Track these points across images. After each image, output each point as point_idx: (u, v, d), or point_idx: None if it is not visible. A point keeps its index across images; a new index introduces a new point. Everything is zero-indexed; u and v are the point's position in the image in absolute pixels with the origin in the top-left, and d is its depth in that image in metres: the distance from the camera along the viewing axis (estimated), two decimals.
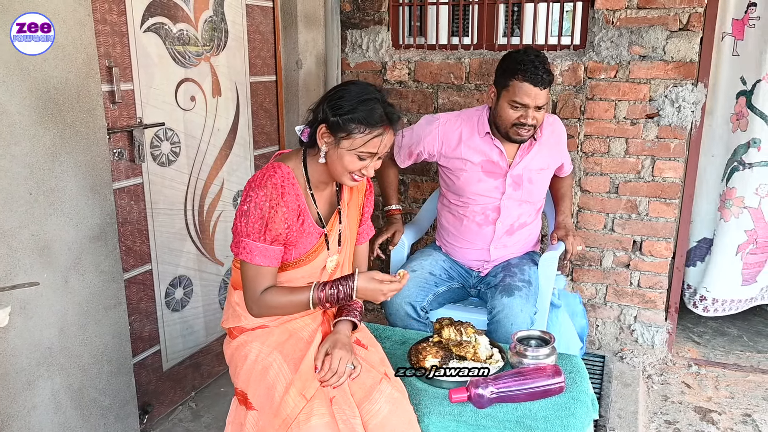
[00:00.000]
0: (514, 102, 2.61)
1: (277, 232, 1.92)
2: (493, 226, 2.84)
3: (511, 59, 2.63)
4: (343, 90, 1.94)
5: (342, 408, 1.86)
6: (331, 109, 1.90)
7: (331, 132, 1.91)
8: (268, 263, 1.94)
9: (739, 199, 3.41)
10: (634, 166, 3.36)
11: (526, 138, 2.69)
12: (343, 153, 1.91)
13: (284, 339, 2.01)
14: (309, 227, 2.00)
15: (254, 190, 1.91)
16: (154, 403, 2.84)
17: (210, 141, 2.95)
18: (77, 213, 2.21)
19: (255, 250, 1.92)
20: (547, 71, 2.57)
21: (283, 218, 1.92)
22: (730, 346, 3.74)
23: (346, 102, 1.89)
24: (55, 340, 2.19)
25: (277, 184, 1.91)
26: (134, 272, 2.66)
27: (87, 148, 2.23)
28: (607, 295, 3.59)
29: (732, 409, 3.11)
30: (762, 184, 3.36)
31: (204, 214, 2.98)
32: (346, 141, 1.90)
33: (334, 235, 2.09)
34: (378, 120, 1.90)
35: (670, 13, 3.14)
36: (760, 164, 3.34)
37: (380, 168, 3.02)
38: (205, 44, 2.86)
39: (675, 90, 3.20)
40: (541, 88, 2.57)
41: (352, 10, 3.68)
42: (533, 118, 2.62)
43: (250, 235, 1.91)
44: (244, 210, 1.91)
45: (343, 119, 1.88)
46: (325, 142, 1.93)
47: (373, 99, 1.91)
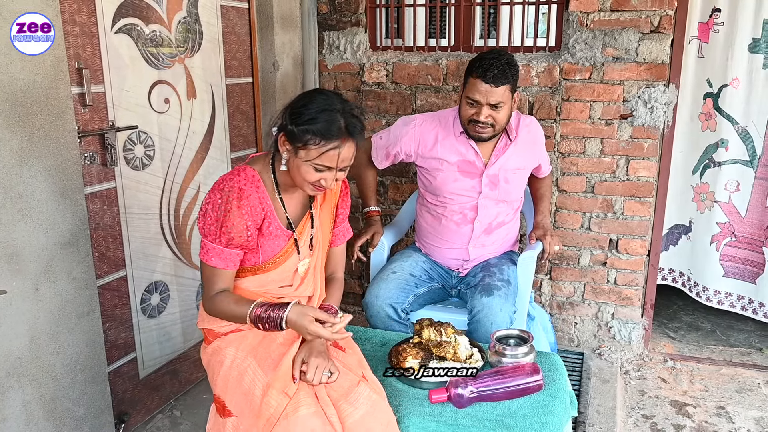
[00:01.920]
0: (468, 98, 2.62)
1: (232, 235, 1.90)
2: (471, 226, 2.84)
3: (474, 58, 2.64)
4: (308, 98, 1.90)
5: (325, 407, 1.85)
6: (290, 117, 1.87)
7: (289, 141, 1.88)
8: (223, 265, 1.94)
9: (711, 194, 3.55)
10: (609, 165, 3.39)
11: (484, 137, 2.69)
12: (300, 163, 1.88)
13: (258, 342, 2.00)
14: (276, 230, 1.98)
15: (213, 192, 1.91)
16: (130, 412, 2.79)
17: (185, 144, 2.92)
18: (47, 219, 2.17)
19: (211, 251, 1.92)
20: (501, 70, 2.54)
21: (241, 221, 1.90)
22: (704, 341, 3.81)
23: (307, 111, 1.85)
24: (26, 349, 2.15)
25: (235, 187, 1.90)
26: (108, 278, 2.61)
27: (57, 152, 2.19)
28: (584, 293, 3.61)
29: (706, 402, 3.17)
30: (730, 180, 3.49)
31: (180, 218, 2.95)
32: (303, 151, 1.86)
33: (305, 239, 2.07)
34: (335, 133, 1.84)
35: (641, 15, 3.17)
36: (727, 162, 3.47)
37: (359, 170, 3.04)
38: (179, 46, 2.83)
39: (648, 91, 3.23)
40: (492, 86, 2.55)
41: (329, 12, 3.66)
42: (488, 116, 2.61)
43: (207, 236, 1.92)
44: (202, 212, 1.92)
45: (299, 129, 1.84)
46: (286, 150, 1.90)
47: (335, 110, 1.85)
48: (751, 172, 3.44)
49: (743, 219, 3.52)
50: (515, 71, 2.61)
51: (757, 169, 3.42)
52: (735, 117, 3.38)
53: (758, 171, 3.42)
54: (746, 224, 3.53)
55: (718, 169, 3.50)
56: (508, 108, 2.64)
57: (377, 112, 3.69)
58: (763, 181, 3.42)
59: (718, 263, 3.64)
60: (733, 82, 3.32)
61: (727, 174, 3.49)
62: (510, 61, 2.60)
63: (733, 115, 3.38)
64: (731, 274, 3.63)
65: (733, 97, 3.35)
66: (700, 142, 3.53)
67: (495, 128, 2.66)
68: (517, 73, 2.63)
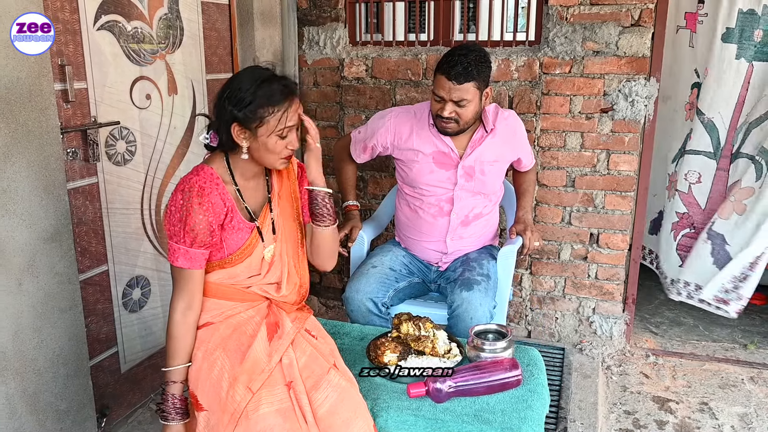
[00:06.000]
0: (434, 94, 2.64)
1: (196, 232, 1.91)
2: (448, 218, 2.86)
3: (444, 54, 2.65)
4: (236, 83, 1.93)
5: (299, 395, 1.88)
6: (235, 107, 1.89)
7: (245, 127, 1.91)
8: (189, 265, 1.94)
9: (675, 182, 3.59)
10: (589, 159, 3.41)
11: (450, 132, 2.70)
12: (264, 140, 1.93)
13: (228, 334, 2.01)
14: (238, 224, 2.00)
15: (175, 194, 1.92)
16: (112, 405, 2.80)
17: (166, 139, 2.93)
18: (30, 214, 2.18)
19: (177, 251, 1.93)
20: (465, 68, 2.54)
21: (204, 218, 1.91)
22: (686, 336, 3.82)
23: (245, 94, 1.89)
24: (9, 344, 2.16)
25: (195, 186, 1.91)
26: (90, 273, 2.62)
27: (40, 147, 2.19)
28: (565, 287, 3.63)
29: (689, 398, 3.18)
30: (690, 171, 3.53)
31: (161, 214, 2.95)
32: (262, 128, 1.91)
33: (267, 226, 2.09)
34: (280, 96, 1.91)
35: (622, 9, 3.19)
36: (690, 152, 3.51)
37: (338, 164, 3.06)
38: (161, 42, 2.83)
39: (628, 85, 3.25)
40: (454, 83, 2.56)
41: (308, 7, 3.67)
42: (451, 112, 2.62)
43: (172, 237, 1.93)
44: (167, 214, 1.93)
45: (250, 110, 1.89)
46: (244, 138, 1.93)
47: (267, 80, 1.92)
48: (714, 164, 3.45)
49: (703, 210, 3.55)
50: (483, 68, 2.60)
51: (719, 161, 3.44)
52: (702, 108, 3.40)
53: (720, 162, 3.44)
54: (705, 215, 3.55)
55: (684, 158, 3.54)
56: (475, 105, 2.64)
57: (357, 107, 3.71)
58: (723, 172, 3.44)
59: (675, 252, 3.67)
60: (705, 72, 3.34)
61: (688, 164, 3.52)
62: (478, 57, 2.59)
63: (701, 106, 3.40)
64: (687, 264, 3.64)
65: (704, 87, 3.37)
66: (683, 130, 3.57)
67: (459, 124, 2.67)
68: (486, 70, 2.62)
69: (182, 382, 1.97)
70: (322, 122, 3.82)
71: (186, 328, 1.97)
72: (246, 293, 2.08)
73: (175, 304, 1.96)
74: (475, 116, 2.70)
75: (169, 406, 1.97)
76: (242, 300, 2.07)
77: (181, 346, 1.97)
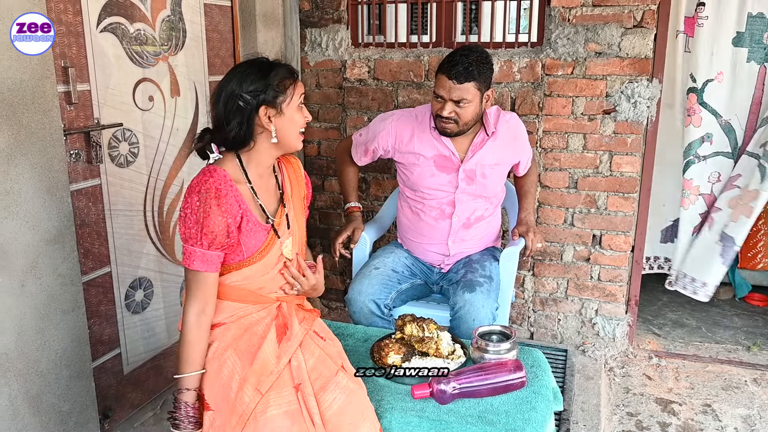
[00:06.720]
0: (435, 93, 2.65)
1: (215, 234, 1.90)
2: (450, 221, 2.85)
3: (446, 54, 2.66)
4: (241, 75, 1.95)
5: (307, 397, 1.87)
6: (256, 94, 1.93)
7: (271, 106, 1.95)
8: (205, 268, 1.92)
9: (696, 188, 3.53)
10: (592, 161, 3.41)
11: (449, 132, 2.70)
12: (290, 115, 1.98)
13: (240, 334, 2.01)
14: (254, 226, 1.99)
15: (190, 196, 1.90)
16: (114, 407, 2.80)
17: (169, 141, 2.93)
18: (33, 216, 2.18)
19: (193, 254, 1.91)
20: (466, 68, 2.55)
21: (222, 220, 1.91)
22: (689, 338, 3.81)
23: (259, 78, 1.94)
24: (12, 345, 2.15)
25: (212, 188, 1.90)
26: (93, 275, 2.62)
27: (43, 149, 2.19)
28: (568, 289, 3.63)
29: (692, 400, 3.17)
30: (713, 172, 3.50)
31: (164, 215, 2.95)
32: (286, 102, 1.97)
33: (282, 224, 2.10)
34: (287, 70, 1.99)
35: (624, 10, 3.19)
36: (711, 155, 3.47)
37: (340, 166, 3.07)
38: (163, 44, 2.84)
39: (631, 86, 3.25)
40: (455, 83, 2.56)
41: (310, 9, 3.68)
42: (450, 111, 2.62)
43: (188, 240, 1.91)
44: (182, 216, 1.92)
45: (276, 86, 1.94)
46: (271, 120, 1.96)
47: (266, 61, 1.99)
48: (731, 163, 3.46)
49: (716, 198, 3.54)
50: (484, 69, 2.60)
51: (736, 158, 3.44)
52: (719, 110, 3.39)
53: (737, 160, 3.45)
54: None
55: (703, 164, 3.49)
56: (475, 105, 2.64)
57: (359, 109, 3.71)
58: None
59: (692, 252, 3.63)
60: (717, 76, 3.34)
61: (711, 167, 3.50)
62: (480, 58, 2.59)
63: (717, 108, 3.39)
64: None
65: (718, 90, 3.37)
66: (685, 137, 3.52)
67: (459, 124, 2.67)
68: (487, 71, 2.62)
69: (195, 390, 1.94)
70: (324, 124, 3.82)
71: (200, 334, 1.94)
72: (258, 295, 2.07)
73: (189, 309, 1.94)
74: (475, 118, 2.69)
75: (181, 414, 1.93)
76: (254, 302, 2.06)
77: (195, 352, 1.94)
